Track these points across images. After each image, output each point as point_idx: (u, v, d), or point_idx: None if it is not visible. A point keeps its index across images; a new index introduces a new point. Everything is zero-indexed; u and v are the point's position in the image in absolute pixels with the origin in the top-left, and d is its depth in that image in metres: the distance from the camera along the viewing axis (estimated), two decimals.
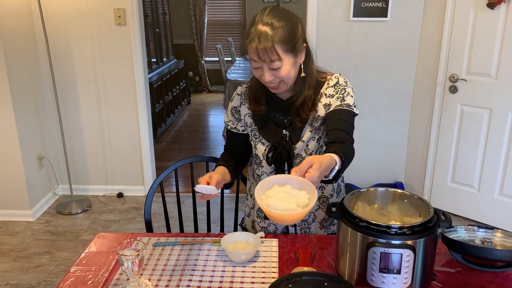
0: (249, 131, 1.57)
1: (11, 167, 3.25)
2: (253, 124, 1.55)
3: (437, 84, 3.23)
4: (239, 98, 1.59)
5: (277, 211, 1.05)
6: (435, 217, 1.23)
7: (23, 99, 3.28)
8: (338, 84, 1.48)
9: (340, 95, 1.46)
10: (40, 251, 2.94)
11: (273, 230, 1.68)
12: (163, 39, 5.97)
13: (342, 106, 1.44)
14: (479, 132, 3.10)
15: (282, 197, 1.09)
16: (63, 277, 1.38)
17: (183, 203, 3.60)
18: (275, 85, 1.39)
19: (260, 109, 1.50)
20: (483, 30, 2.94)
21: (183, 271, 1.40)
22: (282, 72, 1.34)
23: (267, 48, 1.28)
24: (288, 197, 1.09)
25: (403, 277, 1.18)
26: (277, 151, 1.50)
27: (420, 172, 3.51)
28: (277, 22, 1.30)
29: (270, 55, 1.29)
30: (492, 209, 3.15)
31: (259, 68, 1.35)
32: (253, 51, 1.31)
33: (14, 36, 3.19)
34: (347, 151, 1.28)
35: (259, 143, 1.54)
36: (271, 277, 1.36)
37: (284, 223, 1.10)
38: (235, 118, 1.60)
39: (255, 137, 1.55)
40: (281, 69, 1.33)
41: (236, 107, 1.59)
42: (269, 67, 1.33)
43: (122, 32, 3.43)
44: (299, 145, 1.50)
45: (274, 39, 1.28)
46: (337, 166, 1.18)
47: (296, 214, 1.05)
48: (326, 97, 1.47)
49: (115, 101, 3.60)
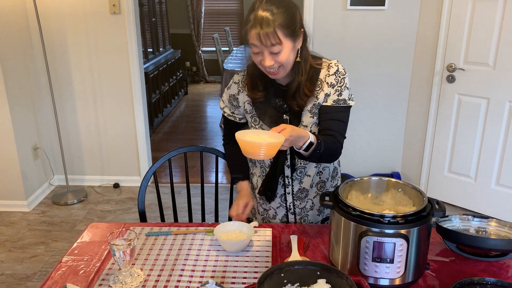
0: (249, 117, 1.58)
1: (6, 158, 3.23)
2: (253, 110, 1.56)
3: (435, 73, 3.21)
4: (237, 86, 1.59)
5: (249, 139, 1.19)
6: (429, 206, 1.22)
7: (17, 89, 3.25)
8: (338, 72, 1.49)
9: (338, 87, 1.48)
10: (36, 242, 2.93)
11: (273, 214, 1.68)
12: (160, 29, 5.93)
13: (339, 103, 1.48)
14: (476, 122, 3.09)
15: (256, 135, 1.24)
16: (55, 267, 1.37)
17: (178, 193, 3.59)
18: (274, 71, 1.40)
19: (258, 96, 1.52)
20: (481, 19, 2.91)
21: (176, 261, 1.39)
22: (282, 57, 1.36)
23: (269, 32, 1.31)
24: (261, 135, 1.24)
25: (396, 266, 1.18)
26: None
27: (417, 162, 3.51)
28: (276, 8, 1.33)
29: (272, 39, 1.32)
30: (488, 199, 3.15)
31: (259, 53, 1.37)
32: (254, 36, 1.33)
33: (7, 25, 3.15)
34: (328, 140, 1.40)
35: (260, 129, 1.55)
36: (264, 267, 1.35)
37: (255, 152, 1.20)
38: (233, 105, 1.62)
39: (255, 123, 1.56)
40: (281, 53, 1.36)
41: (234, 95, 1.60)
42: (269, 52, 1.35)
43: (117, 21, 3.39)
44: None
45: (275, 24, 1.31)
46: (309, 140, 1.31)
47: (266, 143, 1.19)
48: (328, 86, 1.48)
49: (110, 91, 3.57)
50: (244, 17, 1.39)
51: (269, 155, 1.21)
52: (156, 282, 1.29)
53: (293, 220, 1.68)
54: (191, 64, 7.92)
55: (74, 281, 1.29)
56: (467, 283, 1.20)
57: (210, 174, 4.05)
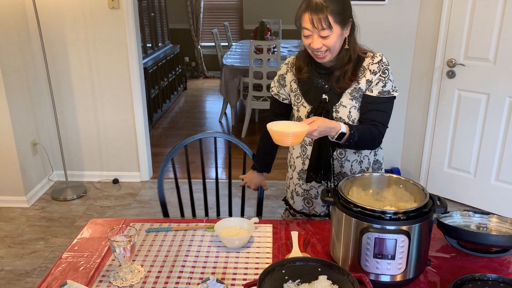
0: (293, 95, 1.69)
1: (5, 154, 3.22)
2: (297, 89, 1.67)
3: (435, 69, 3.20)
4: (286, 66, 1.72)
5: (276, 129, 1.36)
6: (430, 203, 1.22)
7: (16, 84, 3.24)
8: (382, 62, 1.57)
9: (382, 77, 1.55)
10: (35, 237, 2.93)
11: (315, 194, 1.72)
12: (159, 24, 5.89)
13: (383, 94, 1.56)
14: (476, 117, 3.08)
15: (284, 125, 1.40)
16: (55, 263, 1.36)
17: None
18: (321, 54, 1.51)
19: (302, 76, 1.64)
20: (482, 14, 2.90)
21: (176, 257, 1.38)
22: (330, 41, 1.48)
23: (321, 17, 1.44)
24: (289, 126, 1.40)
25: (398, 263, 1.17)
26: (317, 112, 1.60)
27: (416, 158, 3.50)
28: None
29: (323, 23, 1.44)
30: (488, 195, 3.15)
31: (309, 36, 1.49)
32: (307, 19, 1.46)
33: (6, 21, 3.13)
34: (366, 130, 1.52)
35: (301, 106, 1.66)
36: (265, 263, 1.35)
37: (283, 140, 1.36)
38: (280, 84, 1.74)
39: (298, 101, 1.67)
40: (330, 38, 1.47)
41: (282, 75, 1.73)
42: (319, 35, 1.47)
43: (116, 15, 3.37)
44: (341, 111, 1.58)
45: (327, 10, 1.44)
46: (340, 131, 1.44)
47: (292, 131, 1.35)
48: (370, 73, 1.56)
49: (109, 86, 3.56)
50: None
51: (295, 142, 1.37)
52: (156, 279, 1.28)
53: None
54: (190, 59, 7.89)
55: (74, 278, 1.29)
56: (468, 279, 1.20)
57: (210, 170, 4.04)
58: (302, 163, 1.71)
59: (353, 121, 1.59)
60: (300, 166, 1.72)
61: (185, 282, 1.27)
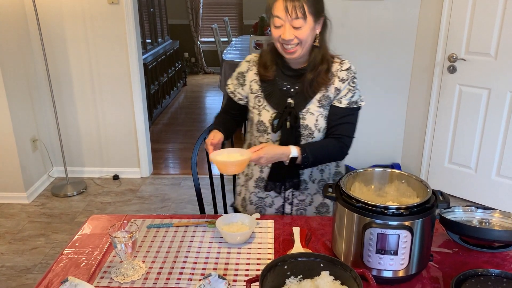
0: (253, 97, 1.59)
1: (5, 150, 3.21)
2: (259, 90, 1.57)
3: (436, 64, 3.19)
4: (247, 64, 1.62)
5: (220, 159, 1.37)
6: (433, 198, 1.22)
7: (15, 81, 3.22)
8: (350, 70, 1.54)
9: (351, 87, 1.53)
10: (36, 234, 2.93)
11: (269, 203, 1.67)
12: (158, 19, 5.87)
13: (352, 105, 1.53)
14: (477, 112, 3.07)
15: (226, 155, 1.42)
16: (56, 259, 1.36)
17: (178, 185, 3.59)
18: (292, 48, 1.43)
19: (268, 74, 1.54)
20: (483, 9, 2.88)
21: (178, 253, 1.38)
22: (303, 33, 1.41)
23: (297, 4, 1.38)
24: (232, 154, 1.41)
25: (400, 258, 1.17)
26: (282, 117, 1.52)
27: (417, 153, 3.50)
28: None
29: (298, 11, 1.38)
30: (489, 190, 3.15)
31: (280, 27, 1.42)
32: (281, 7, 1.39)
33: (4, 16, 3.11)
34: (330, 145, 1.52)
35: (264, 110, 1.56)
36: (267, 259, 1.34)
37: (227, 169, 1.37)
38: (239, 82, 1.63)
39: (259, 104, 1.57)
40: (302, 29, 1.41)
41: (242, 72, 1.62)
42: (291, 25, 1.40)
43: (115, 11, 3.35)
44: (308, 118, 1.52)
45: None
46: (291, 155, 1.44)
47: (234, 160, 1.36)
48: (339, 80, 1.52)
49: (109, 82, 3.54)
50: None
51: (239, 170, 1.38)
52: (158, 275, 1.28)
53: (289, 211, 1.67)
54: (189, 55, 7.87)
55: (75, 274, 1.28)
56: (471, 275, 1.19)
57: None
58: (260, 171, 1.64)
59: (319, 130, 1.54)
60: (257, 174, 1.65)
61: (186, 278, 1.26)
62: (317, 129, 1.53)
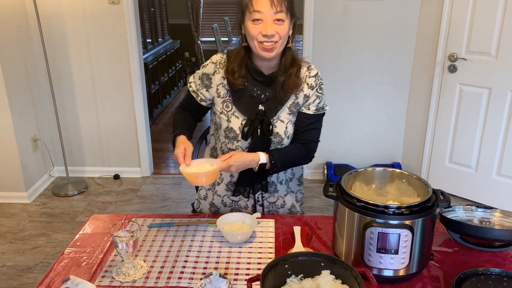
0: (220, 102, 1.54)
1: (5, 150, 3.21)
2: (227, 95, 1.53)
3: (436, 63, 3.19)
4: (214, 66, 1.55)
5: (189, 171, 1.38)
6: (433, 197, 1.22)
7: (16, 80, 3.23)
8: (318, 76, 1.54)
9: (319, 93, 1.54)
10: (37, 233, 2.93)
11: (244, 205, 1.68)
12: (158, 19, 5.87)
13: (319, 111, 1.56)
14: (477, 112, 3.07)
15: (195, 166, 1.41)
16: (57, 259, 1.36)
17: (179, 184, 3.59)
18: (271, 45, 1.39)
19: (238, 82, 1.49)
20: (484, 8, 2.88)
21: (179, 252, 1.38)
22: (283, 29, 1.39)
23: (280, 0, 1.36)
24: (202, 165, 1.42)
25: (401, 257, 1.17)
26: (254, 124, 1.50)
27: (417, 152, 3.50)
28: None
29: (282, 3, 1.37)
30: (489, 189, 3.15)
31: (260, 23, 1.38)
32: (264, 1, 1.36)
33: (5, 16, 3.11)
34: (296, 151, 1.54)
35: (233, 116, 1.53)
36: (268, 258, 1.35)
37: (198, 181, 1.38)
38: (203, 84, 1.57)
39: (228, 109, 1.53)
40: (283, 25, 1.39)
41: (208, 74, 1.55)
42: (273, 20, 1.37)
43: (116, 10, 3.35)
44: (279, 125, 1.53)
45: None
46: (260, 161, 1.46)
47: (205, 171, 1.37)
48: (308, 86, 1.53)
49: (109, 82, 3.54)
50: None
51: (210, 181, 1.39)
52: (159, 274, 1.28)
53: (261, 212, 1.68)
54: (190, 55, 7.87)
55: (77, 273, 1.29)
56: (472, 274, 1.20)
57: None
58: (231, 175, 1.63)
59: (288, 137, 1.55)
60: (228, 179, 1.64)
61: (187, 277, 1.26)
62: (286, 136, 1.54)
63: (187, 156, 1.40)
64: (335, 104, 3.40)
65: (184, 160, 1.39)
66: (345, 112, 3.48)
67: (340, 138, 3.57)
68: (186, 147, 1.42)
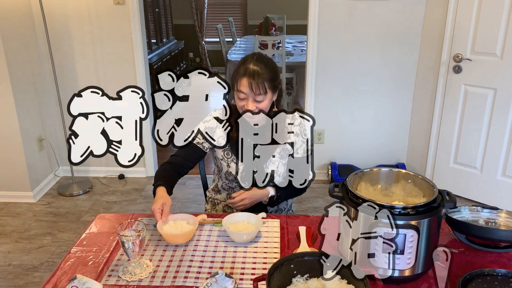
0: (221, 151, 1.78)
1: (11, 149, 3.23)
2: (226, 145, 1.71)
3: (441, 64, 3.18)
4: (216, 122, 1.74)
5: (164, 232, 1.43)
6: (439, 198, 1.22)
7: (22, 80, 3.24)
8: (301, 124, 1.70)
9: (303, 138, 1.70)
10: (42, 232, 2.94)
11: None
12: (163, 19, 5.89)
13: (307, 152, 1.66)
14: (482, 112, 3.06)
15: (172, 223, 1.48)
16: (64, 258, 1.37)
17: (183, 184, 3.60)
18: (254, 115, 1.59)
19: (235, 134, 1.63)
20: (489, 8, 2.87)
21: (185, 252, 1.39)
22: (264, 105, 1.63)
23: (259, 82, 1.60)
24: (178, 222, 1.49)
25: (407, 258, 1.17)
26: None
27: (422, 153, 3.49)
28: (264, 65, 1.64)
29: (260, 88, 1.61)
30: (494, 190, 3.14)
31: (244, 100, 1.63)
32: (246, 84, 1.61)
33: (11, 16, 3.13)
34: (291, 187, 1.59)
35: (232, 162, 1.77)
36: (273, 258, 1.35)
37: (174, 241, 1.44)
38: (208, 137, 1.73)
39: (228, 156, 1.78)
40: (263, 102, 1.63)
41: (211, 128, 1.73)
42: (254, 99, 1.62)
43: (121, 11, 3.36)
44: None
45: (264, 77, 1.61)
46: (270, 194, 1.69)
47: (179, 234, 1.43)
48: (294, 135, 1.70)
49: (115, 82, 3.55)
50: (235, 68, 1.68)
51: (186, 239, 1.44)
52: (165, 273, 1.29)
53: None
54: (194, 55, 7.88)
55: (83, 272, 1.29)
56: (478, 275, 1.20)
57: None
58: None
59: (279, 175, 1.75)
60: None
61: (193, 277, 1.27)
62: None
63: (165, 213, 1.48)
64: (340, 105, 3.40)
65: (162, 217, 1.47)
66: (349, 113, 3.47)
67: (345, 138, 3.56)
68: (164, 202, 1.51)
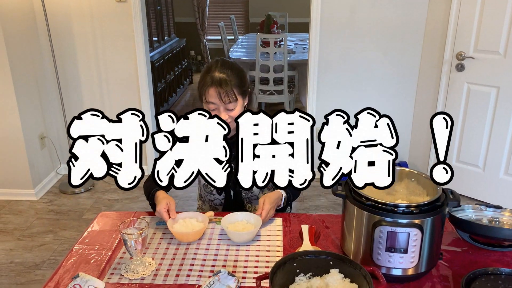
0: None
1: (13, 147, 3.23)
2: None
3: (444, 62, 3.17)
4: None
5: (176, 231, 1.43)
6: (443, 196, 1.21)
7: (24, 78, 3.24)
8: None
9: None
10: (44, 230, 2.95)
11: None
12: (164, 17, 5.88)
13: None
14: (485, 111, 3.05)
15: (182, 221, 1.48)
16: (66, 256, 1.37)
17: None
18: None
19: None
20: (492, 6, 2.86)
21: (187, 250, 1.39)
22: (235, 112, 1.56)
23: (228, 90, 1.54)
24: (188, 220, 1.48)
25: (410, 256, 1.17)
26: None
27: (424, 151, 3.48)
28: (230, 71, 1.58)
29: (230, 96, 1.54)
30: (497, 189, 3.13)
31: (215, 110, 1.57)
32: (214, 94, 1.54)
33: (13, 14, 3.13)
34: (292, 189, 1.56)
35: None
36: (276, 256, 1.35)
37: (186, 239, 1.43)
38: None
39: None
40: (235, 109, 1.57)
41: None
42: (225, 108, 1.56)
43: (123, 9, 3.36)
44: None
45: (232, 83, 1.55)
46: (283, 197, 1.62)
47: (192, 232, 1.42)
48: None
49: (116, 80, 3.55)
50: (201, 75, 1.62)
51: (198, 237, 1.44)
52: (167, 271, 1.29)
53: None
54: (196, 53, 7.87)
55: (85, 270, 1.29)
56: (481, 273, 1.19)
57: None
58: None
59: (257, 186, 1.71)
60: None
61: (196, 275, 1.27)
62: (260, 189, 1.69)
63: (172, 210, 1.48)
64: (341, 103, 3.39)
65: (170, 216, 1.46)
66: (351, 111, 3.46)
67: None
68: (168, 202, 1.50)
